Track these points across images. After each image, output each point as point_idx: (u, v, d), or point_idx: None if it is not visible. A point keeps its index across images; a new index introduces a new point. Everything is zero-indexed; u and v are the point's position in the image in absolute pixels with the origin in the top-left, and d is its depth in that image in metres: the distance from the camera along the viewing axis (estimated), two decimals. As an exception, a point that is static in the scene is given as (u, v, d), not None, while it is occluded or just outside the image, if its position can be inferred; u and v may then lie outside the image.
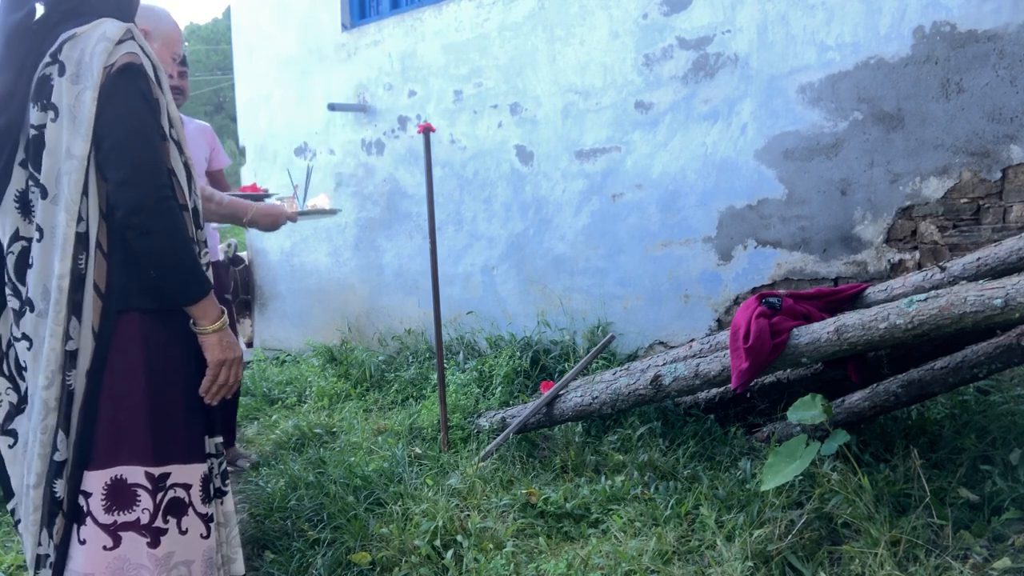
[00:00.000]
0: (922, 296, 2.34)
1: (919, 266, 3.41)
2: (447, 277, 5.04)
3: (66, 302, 1.60)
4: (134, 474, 1.64)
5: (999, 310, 2.16)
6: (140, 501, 1.64)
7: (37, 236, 1.62)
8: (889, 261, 3.52)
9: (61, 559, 1.66)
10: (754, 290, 3.90)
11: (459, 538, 2.54)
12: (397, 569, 2.43)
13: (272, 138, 6.25)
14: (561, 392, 3.31)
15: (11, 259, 1.67)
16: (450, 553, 2.46)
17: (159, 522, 1.66)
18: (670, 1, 4.06)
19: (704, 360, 2.85)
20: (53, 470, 1.63)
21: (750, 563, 2.18)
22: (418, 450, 3.41)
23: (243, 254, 6.38)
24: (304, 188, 3.26)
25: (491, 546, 2.48)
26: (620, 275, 4.38)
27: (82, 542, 1.64)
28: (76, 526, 1.65)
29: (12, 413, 1.72)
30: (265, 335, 6.48)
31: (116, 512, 1.63)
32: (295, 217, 2.96)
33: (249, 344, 6.37)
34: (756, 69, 3.81)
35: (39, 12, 1.65)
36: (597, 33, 4.35)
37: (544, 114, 4.61)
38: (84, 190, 1.59)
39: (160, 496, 1.66)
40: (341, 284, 5.87)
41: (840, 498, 2.34)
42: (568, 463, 3.07)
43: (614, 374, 3.25)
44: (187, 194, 1.71)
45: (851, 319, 2.47)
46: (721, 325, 4.02)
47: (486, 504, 2.77)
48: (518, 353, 4.24)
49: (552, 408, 3.29)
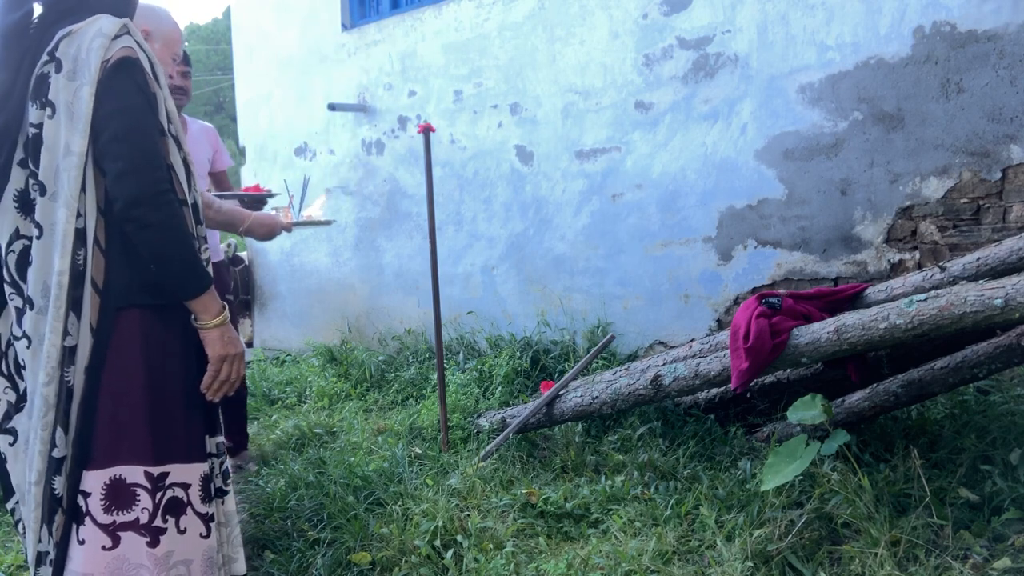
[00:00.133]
0: (922, 296, 2.34)
1: (919, 266, 3.41)
2: (447, 277, 5.04)
3: (66, 298, 1.60)
4: (133, 474, 1.64)
5: (999, 310, 2.16)
6: (139, 501, 1.64)
7: (36, 233, 1.62)
8: (889, 261, 3.52)
9: (61, 556, 1.66)
10: (754, 290, 3.90)
11: (459, 538, 2.53)
12: (397, 569, 2.43)
13: (272, 138, 6.25)
14: (561, 392, 3.31)
15: (12, 258, 1.67)
16: (450, 553, 2.46)
17: (158, 521, 1.65)
18: (670, 1, 4.06)
19: (704, 360, 2.85)
20: (52, 467, 1.63)
21: (750, 563, 2.18)
22: (418, 450, 3.41)
23: (243, 254, 6.38)
24: (300, 198, 3.26)
25: (491, 546, 2.48)
26: (620, 275, 4.38)
27: (81, 542, 1.64)
28: (75, 526, 1.65)
29: (11, 412, 1.72)
30: (265, 335, 6.48)
31: (115, 512, 1.63)
32: (290, 227, 2.97)
33: (249, 344, 6.37)
34: (756, 69, 3.81)
35: (36, 12, 1.65)
36: (597, 33, 4.35)
37: (544, 114, 4.61)
38: (82, 186, 1.59)
39: (159, 496, 1.66)
40: (341, 284, 5.87)
41: (840, 498, 2.34)
42: (568, 463, 3.07)
43: (614, 374, 3.25)
44: (186, 190, 1.71)
45: (851, 319, 2.47)
46: (721, 325, 4.02)
47: (486, 504, 2.77)
48: (518, 353, 4.24)
49: (552, 408, 3.29)
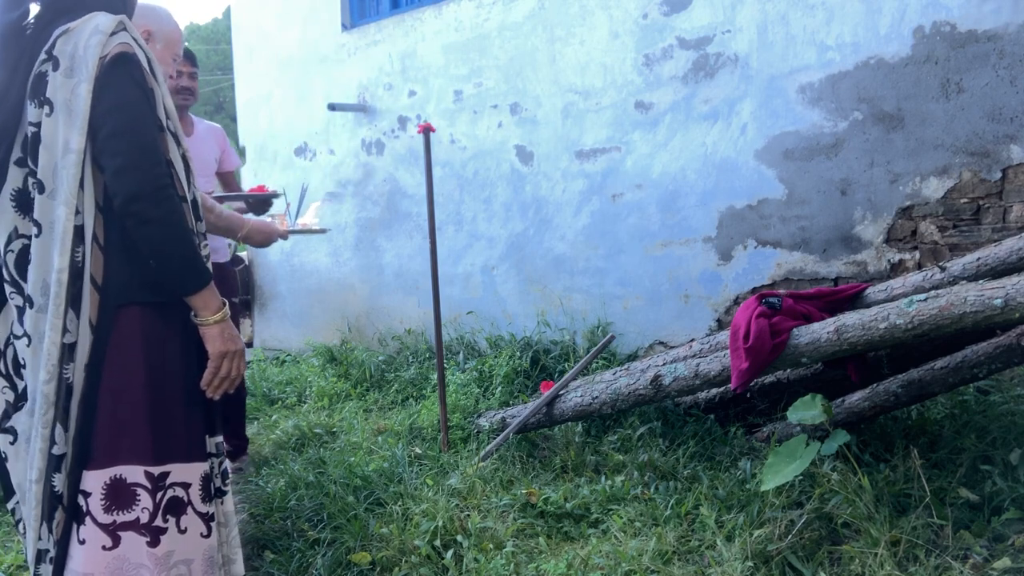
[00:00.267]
0: (922, 296, 2.34)
1: (919, 266, 3.41)
2: (447, 277, 5.04)
3: (65, 296, 1.60)
4: (133, 473, 1.64)
5: (999, 310, 2.16)
6: (140, 500, 1.64)
7: (36, 232, 1.62)
8: (889, 261, 3.52)
9: (61, 554, 1.66)
10: (754, 290, 3.90)
11: (459, 538, 2.53)
12: (397, 569, 2.43)
13: (272, 138, 6.25)
14: (561, 392, 3.31)
15: (11, 257, 1.67)
16: (450, 553, 2.46)
17: (159, 521, 1.65)
18: (670, 1, 4.06)
19: (704, 360, 2.85)
20: (52, 464, 1.63)
21: (750, 563, 2.18)
22: (418, 450, 3.41)
23: (243, 254, 6.38)
24: (297, 206, 3.27)
25: (491, 546, 2.48)
26: (620, 275, 4.38)
27: (81, 542, 1.64)
28: (76, 526, 1.65)
29: (9, 411, 1.72)
30: (265, 335, 6.48)
31: (115, 512, 1.63)
32: (286, 235, 2.98)
33: (249, 344, 6.37)
34: (756, 69, 3.81)
35: (33, 12, 1.65)
36: (597, 33, 4.35)
37: (544, 114, 4.61)
38: (80, 183, 1.59)
39: (160, 495, 1.66)
40: (341, 284, 5.87)
41: (840, 498, 2.34)
42: (568, 463, 3.07)
43: (614, 374, 3.25)
44: (185, 186, 1.71)
45: (851, 319, 2.47)
46: (721, 325, 4.02)
47: (486, 504, 2.77)
48: (518, 353, 4.24)
49: (552, 408, 3.29)
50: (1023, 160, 3.17)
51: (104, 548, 1.62)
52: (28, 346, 1.66)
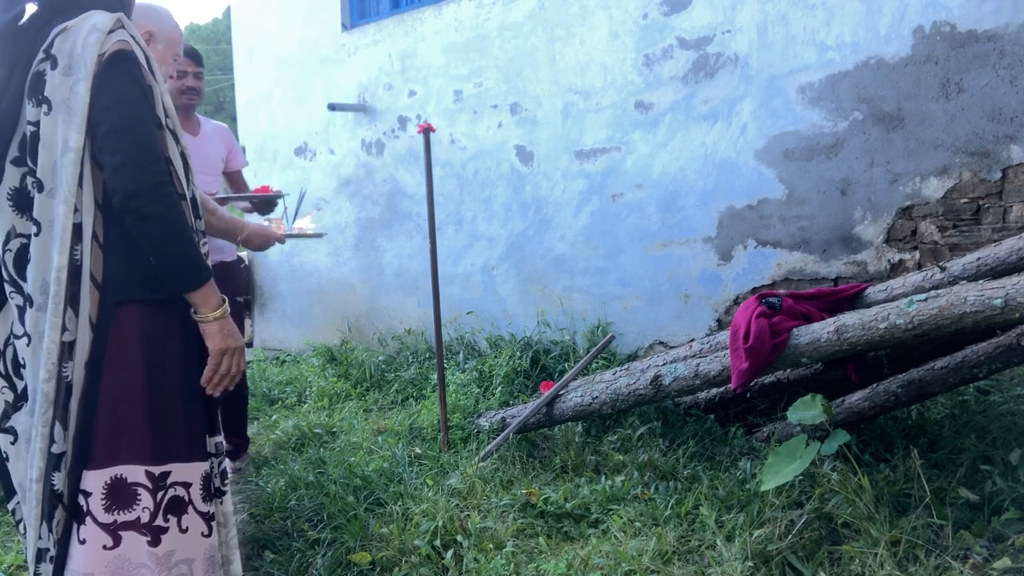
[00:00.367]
0: (922, 296, 2.34)
1: (919, 266, 3.41)
2: (447, 277, 5.04)
3: (64, 294, 1.60)
4: (134, 473, 1.64)
5: (999, 310, 2.16)
6: (140, 500, 1.64)
7: (35, 231, 1.62)
8: (889, 261, 3.52)
9: (62, 553, 1.65)
10: (754, 290, 3.90)
11: (459, 538, 2.53)
12: (397, 569, 2.43)
13: (272, 138, 6.25)
14: (561, 392, 3.31)
15: (9, 256, 1.67)
16: (450, 553, 2.46)
17: (159, 521, 1.65)
18: (670, 1, 4.06)
19: (704, 360, 2.85)
20: (52, 463, 1.63)
21: (750, 563, 2.18)
22: (418, 450, 3.41)
23: (243, 254, 6.38)
24: (294, 211, 3.27)
25: (491, 546, 2.48)
26: (620, 275, 4.38)
27: (82, 541, 1.63)
28: (76, 525, 1.65)
29: (8, 411, 1.72)
30: (265, 335, 6.48)
31: (116, 511, 1.63)
32: (283, 239, 2.99)
33: (249, 344, 6.37)
34: (756, 69, 3.81)
35: (29, 11, 1.65)
36: (597, 33, 4.35)
37: (544, 114, 4.62)
38: (79, 181, 1.59)
39: (160, 495, 1.66)
40: (341, 284, 5.87)
41: (840, 498, 2.34)
42: (568, 463, 3.07)
43: (614, 374, 3.25)
44: (184, 184, 1.71)
45: (851, 319, 2.47)
46: (721, 325, 4.02)
47: (486, 504, 2.77)
48: (518, 353, 4.24)
49: (552, 408, 3.29)
50: (1023, 160, 3.17)
51: (105, 548, 1.62)
52: (28, 345, 1.66)
